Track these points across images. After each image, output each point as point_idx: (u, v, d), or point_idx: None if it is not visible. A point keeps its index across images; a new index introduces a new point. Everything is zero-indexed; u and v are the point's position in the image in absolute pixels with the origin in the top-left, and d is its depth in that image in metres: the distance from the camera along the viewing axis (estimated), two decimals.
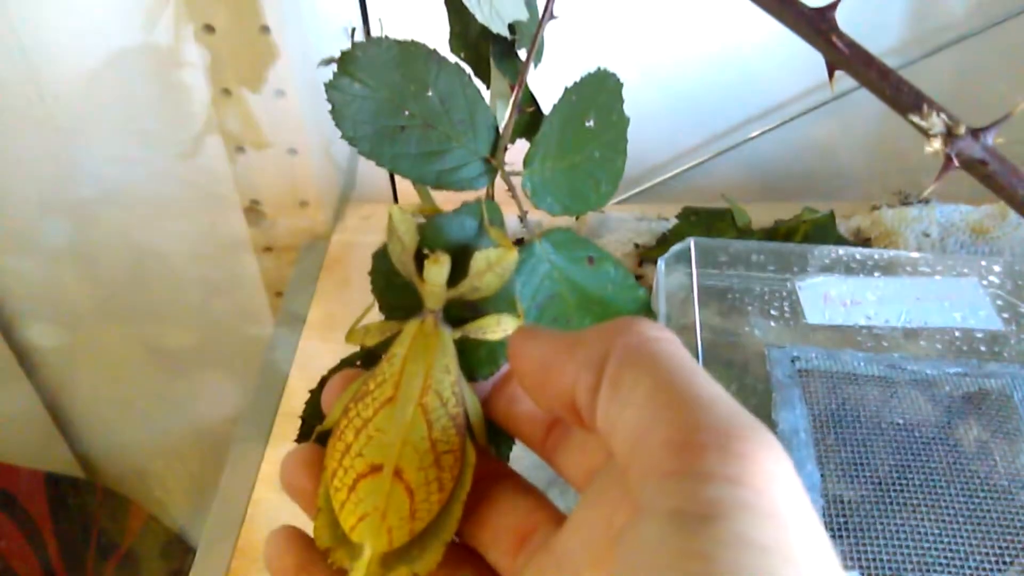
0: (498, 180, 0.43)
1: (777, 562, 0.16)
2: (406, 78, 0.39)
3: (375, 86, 0.38)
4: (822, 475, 0.31)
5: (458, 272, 0.31)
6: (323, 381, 0.35)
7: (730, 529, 0.16)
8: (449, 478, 0.27)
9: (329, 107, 0.37)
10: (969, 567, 0.29)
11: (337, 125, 0.37)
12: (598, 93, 0.42)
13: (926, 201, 0.60)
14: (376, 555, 0.26)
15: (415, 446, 0.27)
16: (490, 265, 0.31)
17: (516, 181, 0.44)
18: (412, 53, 0.39)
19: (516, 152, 0.44)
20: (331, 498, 0.27)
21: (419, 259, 0.31)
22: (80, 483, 0.94)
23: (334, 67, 0.38)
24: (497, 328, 0.31)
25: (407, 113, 0.39)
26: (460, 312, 0.31)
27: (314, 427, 0.32)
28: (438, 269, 0.30)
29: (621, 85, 0.43)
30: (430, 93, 0.39)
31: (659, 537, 0.17)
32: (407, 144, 0.39)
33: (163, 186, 0.74)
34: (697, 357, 0.32)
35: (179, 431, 0.96)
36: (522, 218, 0.45)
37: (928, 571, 0.29)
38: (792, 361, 0.34)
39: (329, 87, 0.37)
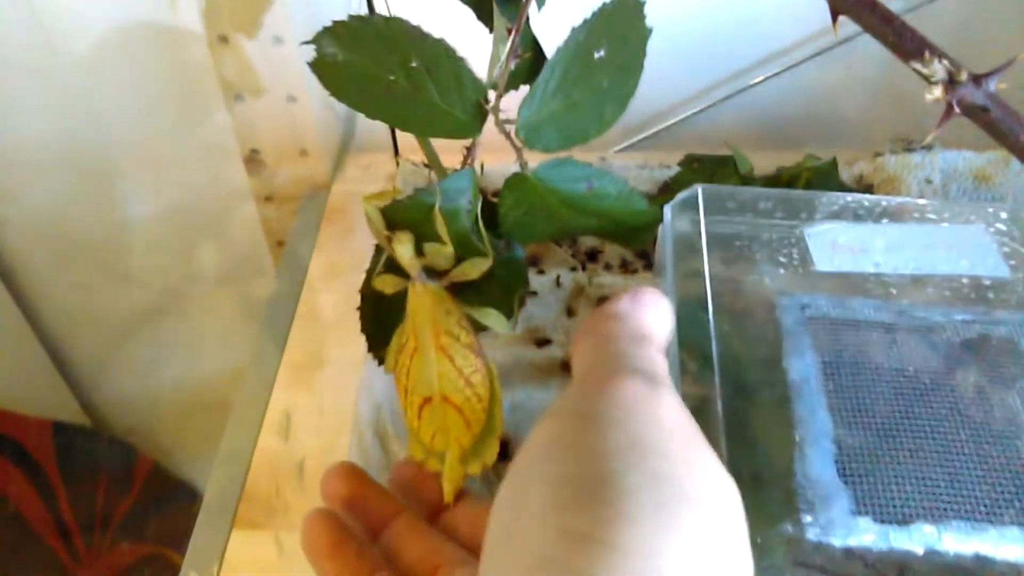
0: (494, 128, 0.43)
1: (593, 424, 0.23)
2: (389, 50, 0.41)
3: (358, 57, 0.41)
4: (833, 422, 0.32)
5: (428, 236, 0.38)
6: (363, 297, 0.42)
7: (584, 409, 0.24)
8: (484, 390, 0.36)
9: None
10: (980, 511, 0.30)
11: (325, 88, 0.41)
12: (614, 19, 0.43)
13: (929, 147, 0.59)
14: (455, 457, 0.36)
15: (448, 377, 0.36)
16: (437, 252, 0.38)
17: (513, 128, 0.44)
18: (395, 28, 0.41)
19: (517, 98, 0.44)
20: (409, 425, 0.37)
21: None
22: (86, 432, 0.95)
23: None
24: (473, 270, 0.38)
25: (392, 78, 0.41)
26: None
27: (379, 340, 0.41)
28: (401, 248, 0.37)
29: (642, 3, 0.43)
30: (414, 63, 0.41)
31: (547, 421, 0.24)
32: (394, 100, 0.41)
33: (164, 136, 0.73)
34: (706, 305, 0.32)
35: (183, 380, 0.97)
36: (522, 166, 0.45)
37: (939, 516, 0.30)
38: (802, 309, 0.34)
39: (313, 65, 0.40)
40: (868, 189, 0.59)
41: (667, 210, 0.37)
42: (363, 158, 0.72)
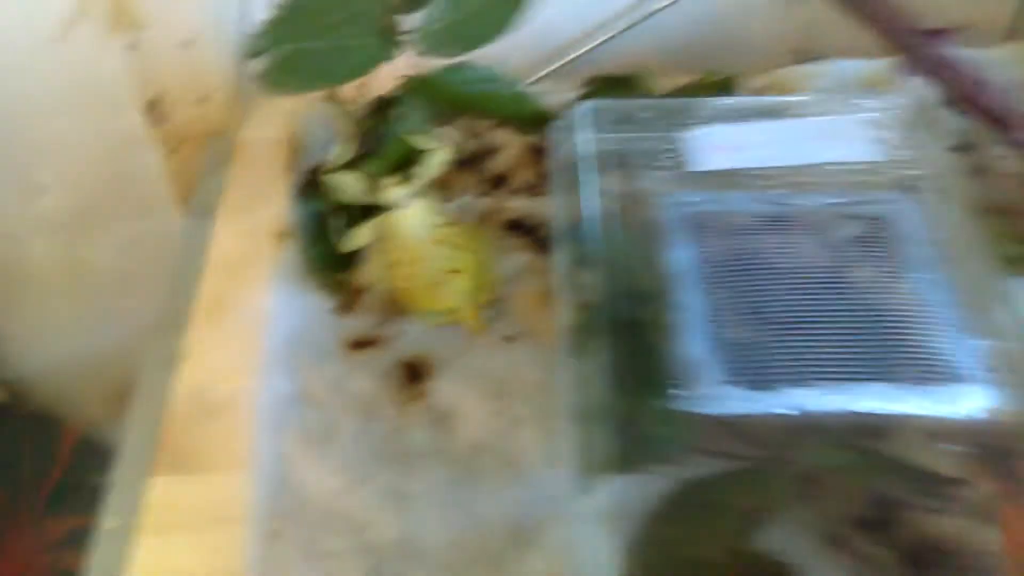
0: None
1: None
2: (314, 14, 0.45)
3: (293, 47, 0.45)
4: (711, 306, 0.33)
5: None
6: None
7: None
8: (469, 240, 0.47)
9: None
10: (846, 372, 0.32)
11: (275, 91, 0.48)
12: None
13: (824, 58, 0.61)
14: (470, 300, 0.46)
15: (450, 255, 0.46)
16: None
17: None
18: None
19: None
20: (425, 308, 0.47)
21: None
22: (3, 408, 0.93)
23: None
24: (436, 162, 0.47)
25: (317, 45, 0.45)
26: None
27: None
28: (393, 190, 0.47)
29: None
30: (336, 17, 0.45)
31: None
32: (322, 64, 0.46)
33: (55, 84, 0.70)
34: (594, 219, 0.33)
35: (101, 346, 0.95)
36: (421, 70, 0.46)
37: (808, 380, 0.32)
38: (680, 206, 0.35)
39: (262, 79, 0.46)
40: None
41: (552, 132, 0.38)
42: (266, 103, 0.71)
